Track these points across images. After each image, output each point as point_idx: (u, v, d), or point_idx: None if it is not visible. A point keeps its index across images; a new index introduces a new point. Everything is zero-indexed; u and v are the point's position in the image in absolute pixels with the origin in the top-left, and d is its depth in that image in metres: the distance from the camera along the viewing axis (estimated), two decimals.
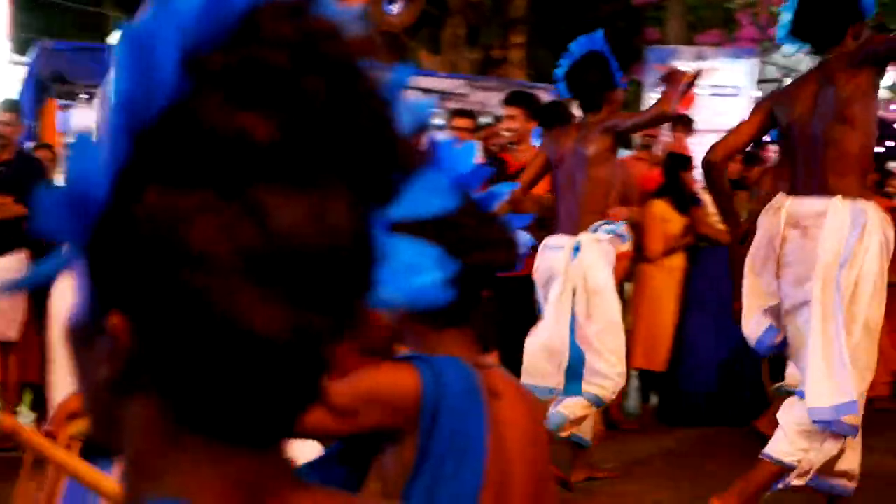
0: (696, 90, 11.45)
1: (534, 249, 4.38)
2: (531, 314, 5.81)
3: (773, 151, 7.07)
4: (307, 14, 0.60)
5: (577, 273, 4.57)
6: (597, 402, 4.66)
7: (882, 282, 3.61)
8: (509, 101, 5.95)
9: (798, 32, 3.87)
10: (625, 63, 4.73)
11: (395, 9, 10.59)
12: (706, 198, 6.11)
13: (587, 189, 4.66)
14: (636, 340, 6.28)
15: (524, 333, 5.71)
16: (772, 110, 3.94)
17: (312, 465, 1.45)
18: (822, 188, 3.65)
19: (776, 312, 3.80)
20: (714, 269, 6.02)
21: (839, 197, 3.61)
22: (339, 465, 1.48)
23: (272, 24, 0.59)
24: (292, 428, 0.64)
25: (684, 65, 11.87)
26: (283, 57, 0.58)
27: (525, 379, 4.44)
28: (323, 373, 0.62)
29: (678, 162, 6.58)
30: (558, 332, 4.63)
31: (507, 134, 5.95)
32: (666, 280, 6.34)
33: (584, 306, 4.59)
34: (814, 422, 3.54)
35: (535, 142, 5.42)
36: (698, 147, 8.33)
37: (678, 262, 6.38)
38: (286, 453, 0.66)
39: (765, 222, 3.80)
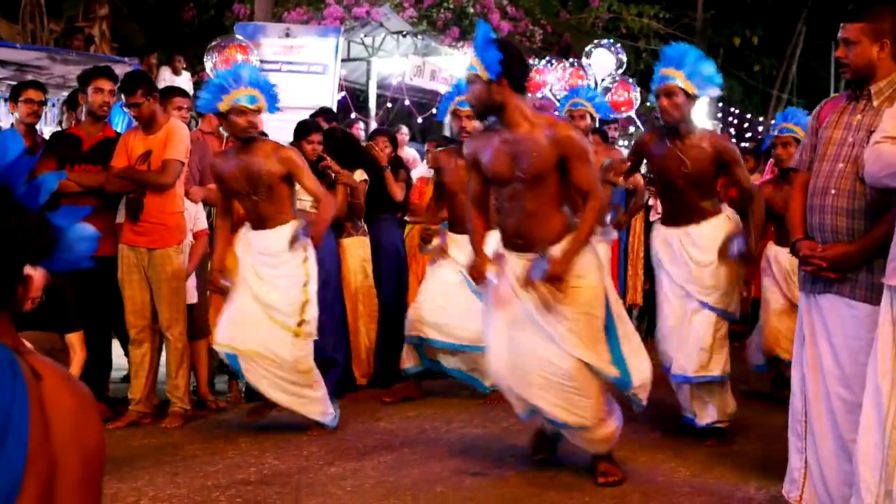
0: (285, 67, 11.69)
1: None
2: (114, 294, 5.76)
3: None
4: None
5: None
6: None
7: None
8: (102, 73, 5.75)
9: None
10: None
11: None
12: None
13: None
14: None
15: (105, 313, 5.69)
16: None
17: None
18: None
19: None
20: None
21: None
22: None
23: None
24: None
25: (272, 42, 12.07)
26: None
27: None
28: None
29: None
30: None
31: (103, 107, 5.72)
32: None
33: None
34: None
35: None
36: (288, 125, 8.19)
37: None
38: None
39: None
